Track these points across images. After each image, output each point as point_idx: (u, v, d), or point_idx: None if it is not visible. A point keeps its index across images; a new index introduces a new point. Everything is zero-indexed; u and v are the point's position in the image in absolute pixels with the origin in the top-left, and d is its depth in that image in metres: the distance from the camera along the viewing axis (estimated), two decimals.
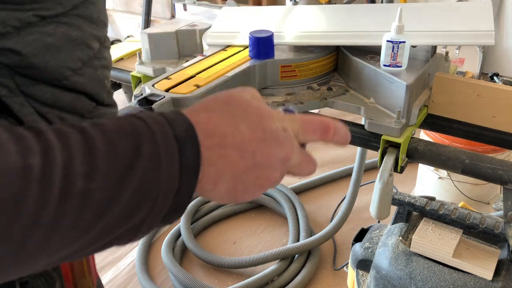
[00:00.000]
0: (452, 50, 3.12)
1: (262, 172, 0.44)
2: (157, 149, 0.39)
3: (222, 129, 0.43)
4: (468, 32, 1.02)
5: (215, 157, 0.42)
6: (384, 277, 1.02)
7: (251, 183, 0.44)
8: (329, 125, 0.48)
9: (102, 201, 0.36)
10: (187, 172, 0.40)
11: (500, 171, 0.87)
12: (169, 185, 0.39)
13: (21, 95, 0.46)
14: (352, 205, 1.92)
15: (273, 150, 0.44)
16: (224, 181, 0.43)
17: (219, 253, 1.98)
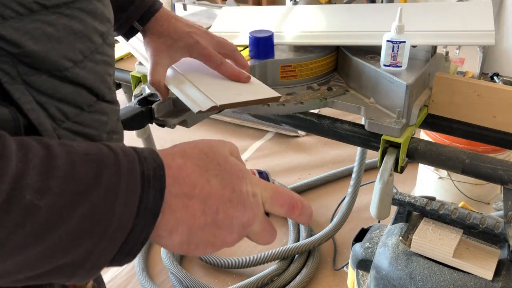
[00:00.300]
0: (452, 50, 3.12)
1: (219, 231, 0.43)
2: (118, 182, 0.37)
3: (193, 179, 0.42)
4: (468, 32, 1.02)
5: (178, 205, 0.41)
6: (384, 277, 1.02)
7: (206, 240, 0.43)
8: (297, 204, 0.48)
9: (47, 221, 0.35)
10: (145, 215, 0.39)
11: (500, 171, 0.87)
12: (121, 223, 0.37)
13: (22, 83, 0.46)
14: (352, 205, 1.92)
15: (237, 213, 0.44)
16: (180, 233, 0.42)
17: (219, 253, 1.98)
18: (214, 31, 1.17)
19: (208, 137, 2.24)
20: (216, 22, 1.22)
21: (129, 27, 0.83)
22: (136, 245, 0.39)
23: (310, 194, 2.32)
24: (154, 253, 1.99)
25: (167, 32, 0.83)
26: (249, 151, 2.68)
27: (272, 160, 2.60)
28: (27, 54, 0.46)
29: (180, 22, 0.85)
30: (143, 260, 1.91)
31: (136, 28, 0.83)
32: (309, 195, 2.31)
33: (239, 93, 0.80)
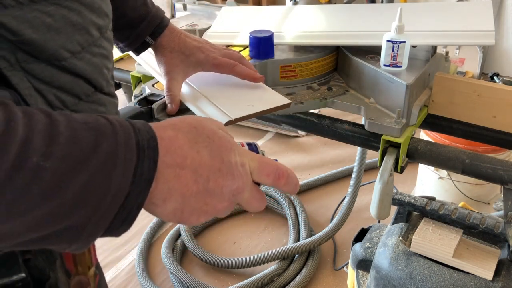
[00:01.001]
0: (452, 50, 3.12)
1: (211, 199, 0.46)
2: (115, 150, 0.39)
3: (184, 150, 0.44)
4: (468, 32, 1.02)
5: (171, 175, 0.43)
6: (384, 277, 1.02)
7: (198, 207, 0.45)
8: (283, 174, 0.50)
9: (52, 183, 0.37)
10: (140, 182, 0.40)
11: (500, 171, 0.87)
12: (119, 188, 0.39)
13: (20, 70, 0.47)
14: (352, 205, 1.92)
15: (226, 182, 0.46)
16: (173, 201, 0.44)
17: (219, 253, 1.98)
18: (214, 31, 1.17)
19: None
20: (216, 22, 1.22)
21: (141, 42, 0.85)
22: (132, 211, 0.41)
23: (310, 194, 2.31)
24: (154, 253, 1.99)
25: (178, 47, 0.86)
26: None
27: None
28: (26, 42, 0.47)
29: (189, 38, 0.88)
30: (143, 260, 1.91)
31: (148, 42, 0.85)
32: (309, 195, 2.31)
33: (251, 104, 0.82)
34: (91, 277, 0.62)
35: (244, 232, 2.10)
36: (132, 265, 1.94)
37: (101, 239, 1.86)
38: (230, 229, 2.12)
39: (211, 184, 0.45)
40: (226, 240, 2.06)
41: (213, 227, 2.13)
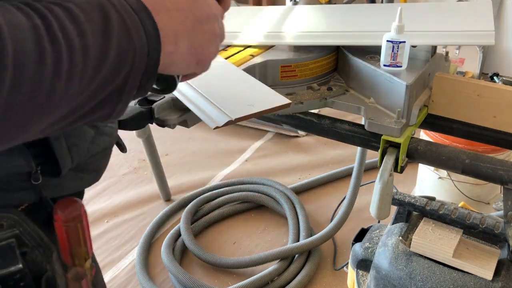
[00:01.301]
0: (452, 50, 3.12)
1: (205, 27, 0.54)
2: (122, 18, 0.45)
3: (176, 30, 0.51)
4: (468, 32, 1.02)
5: (165, 19, 0.49)
6: (384, 277, 1.02)
7: (202, 38, 0.54)
8: None
9: (96, 56, 0.43)
10: (151, 37, 0.47)
11: (500, 171, 0.87)
12: (141, 50, 0.46)
13: None
14: (352, 205, 1.92)
15: (204, 7, 0.54)
16: (181, 40, 0.51)
17: (219, 253, 1.98)
18: None
19: (208, 137, 2.23)
20: None
21: None
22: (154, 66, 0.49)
23: (310, 194, 2.32)
24: (154, 253, 1.99)
25: None
26: (249, 151, 2.69)
27: (272, 160, 2.60)
28: None
29: None
30: (143, 260, 1.91)
31: None
32: (309, 195, 2.31)
33: (251, 104, 0.82)
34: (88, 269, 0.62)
35: (244, 232, 2.10)
36: (132, 265, 1.94)
37: (101, 239, 1.85)
38: (230, 229, 2.12)
39: (197, 13, 0.53)
40: (226, 240, 2.06)
41: (213, 227, 2.13)
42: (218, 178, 2.45)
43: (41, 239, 0.57)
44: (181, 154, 2.64)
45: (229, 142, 2.76)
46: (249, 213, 2.21)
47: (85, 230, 0.61)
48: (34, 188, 0.58)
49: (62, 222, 0.59)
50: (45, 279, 0.57)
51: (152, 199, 2.32)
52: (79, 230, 0.61)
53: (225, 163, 2.58)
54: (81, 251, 0.62)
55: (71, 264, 0.61)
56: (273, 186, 2.23)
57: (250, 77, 0.94)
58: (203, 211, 2.15)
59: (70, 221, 0.59)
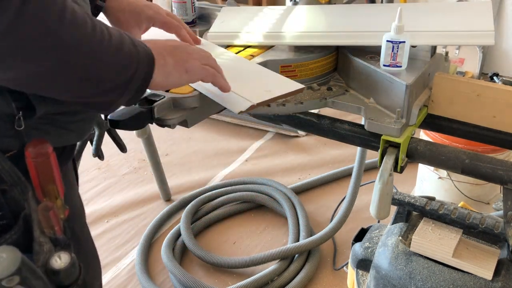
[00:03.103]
0: (452, 50, 3.12)
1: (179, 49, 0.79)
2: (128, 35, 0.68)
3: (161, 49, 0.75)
4: (468, 32, 1.02)
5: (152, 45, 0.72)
6: (384, 277, 1.03)
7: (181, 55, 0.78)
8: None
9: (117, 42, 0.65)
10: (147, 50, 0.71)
11: (500, 171, 0.87)
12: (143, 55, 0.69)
13: None
14: (352, 205, 1.92)
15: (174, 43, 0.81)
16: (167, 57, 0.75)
17: (219, 253, 1.98)
18: (214, 31, 1.17)
19: (208, 137, 2.23)
20: (216, 22, 1.22)
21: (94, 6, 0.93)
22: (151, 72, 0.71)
23: (310, 194, 2.32)
24: (154, 253, 1.99)
25: (128, 7, 0.98)
26: (249, 151, 2.68)
27: (272, 160, 2.60)
28: None
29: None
30: (143, 260, 1.91)
31: (100, 6, 0.94)
32: (309, 195, 2.31)
33: (268, 90, 0.88)
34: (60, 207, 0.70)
35: (244, 232, 2.10)
36: (132, 265, 1.94)
37: (102, 239, 1.85)
38: (230, 229, 2.12)
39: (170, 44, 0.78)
40: (226, 240, 2.06)
41: (213, 227, 2.13)
42: (218, 178, 2.45)
43: (18, 178, 0.65)
44: (181, 154, 2.64)
45: (229, 142, 2.76)
46: (249, 213, 2.21)
47: (53, 168, 0.68)
48: (17, 135, 0.67)
49: (31, 158, 0.66)
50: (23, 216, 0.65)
51: (152, 199, 2.32)
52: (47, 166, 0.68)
53: (225, 163, 2.58)
54: (50, 189, 0.69)
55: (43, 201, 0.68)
56: (273, 186, 2.23)
57: (263, 68, 0.98)
58: (203, 211, 2.15)
59: (38, 156, 0.67)
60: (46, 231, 0.67)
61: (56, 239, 0.67)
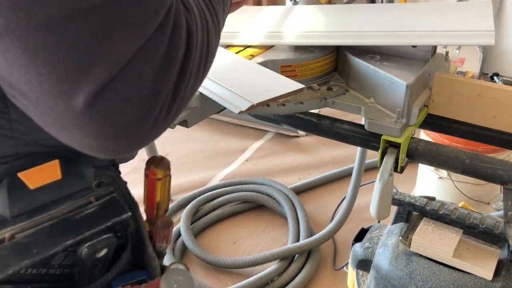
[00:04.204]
0: (452, 50, 3.12)
1: None
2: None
3: None
4: (468, 32, 1.02)
5: None
6: (384, 277, 1.02)
7: None
8: None
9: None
10: None
11: (500, 171, 0.87)
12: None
13: None
14: (352, 205, 1.92)
15: None
16: None
17: (219, 253, 1.98)
18: None
19: (208, 137, 2.23)
20: None
21: None
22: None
23: (310, 194, 2.32)
24: None
25: None
26: (249, 151, 2.68)
27: (272, 160, 2.60)
28: None
29: None
30: None
31: None
32: (309, 195, 2.31)
33: (268, 90, 0.87)
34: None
35: (244, 232, 2.10)
36: None
37: None
38: (230, 229, 2.12)
39: None
40: (226, 240, 2.06)
41: (213, 227, 2.13)
42: (218, 178, 2.45)
43: (128, 195, 0.62)
44: (181, 154, 2.64)
45: (229, 142, 2.76)
46: (249, 213, 2.21)
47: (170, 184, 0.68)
48: None
49: (155, 176, 0.65)
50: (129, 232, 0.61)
51: None
52: (167, 183, 0.68)
53: (225, 163, 2.58)
54: (164, 204, 0.68)
55: (153, 217, 0.68)
56: (273, 186, 2.23)
57: (263, 68, 0.98)
58: (203, 211, 2.15)
59: (162, 175, 0.66)
60: (158, 245, 0.66)
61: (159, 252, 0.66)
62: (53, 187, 0.52)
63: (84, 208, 0.54)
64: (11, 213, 0.49)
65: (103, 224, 0.54)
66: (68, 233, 0.51)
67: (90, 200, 0.55)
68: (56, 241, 0.50)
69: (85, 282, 0.55)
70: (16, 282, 0.50)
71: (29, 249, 0.49)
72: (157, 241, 0.66)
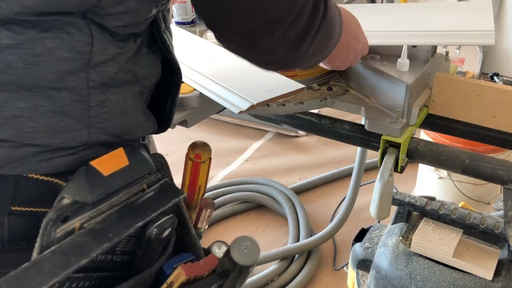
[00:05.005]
0: (452, 50, 3.12)
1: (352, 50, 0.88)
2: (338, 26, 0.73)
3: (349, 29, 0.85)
4: (468, 32, 1.02)
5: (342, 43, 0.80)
6: (384, 277, 1.02)
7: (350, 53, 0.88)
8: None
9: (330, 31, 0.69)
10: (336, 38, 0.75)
11: (500, 171, 0.87)
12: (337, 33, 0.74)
13: None
14: (352, 205, 1.92)
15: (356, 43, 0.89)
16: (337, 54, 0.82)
17: None
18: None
19: (208, 137, 2.22)
20: None
21: None
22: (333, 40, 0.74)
23: (310, 194, 2.31)
24: None
25: None
26: (249, 151, 2.68)
27: (272, 160, 2.60)
28: None
29: None
30: None
31: None
32: (309, 195, 2.30)
33: (268, 90, 0.88)
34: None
35: (244, 232, 2.10)
36: None
37: None
38: (230, 229, 2.12)
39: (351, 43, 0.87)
40: (226, 240, 2.05)
41: (213, 227, 2.13)
42: (218, 178, 2.45)
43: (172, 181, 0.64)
44: (181, 154, 2.62)
45: (229, 142, 2.76)
46: (249, 213, 2.21)
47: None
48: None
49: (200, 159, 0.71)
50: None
51: None
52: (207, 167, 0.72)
53: (225, 163, 2.58)
54: (203, 187, 0.72)
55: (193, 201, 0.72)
56: (273, 186, 2.23)
57: None
58: None
59: (206, 158, 0.71)
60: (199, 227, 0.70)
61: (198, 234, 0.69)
62: (124, 172, 0.54)
63: (142, 194, 0.57)
64: (92, 199, 0.51)
65: (166, 205, 0.57)
66: (135, 216, 0.54)
67: (143, 187, 0.57)
68: (128, 224, 0.53)
69: (146, 265, 0.58)
70: (87, 270, 0.52)
71: (104, 233, 0.51)
72: (198, 222, 0.70)
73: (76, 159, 0.55)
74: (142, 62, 0.59)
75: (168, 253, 0.61)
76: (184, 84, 0.95)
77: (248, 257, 0.56)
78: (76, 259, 0.48)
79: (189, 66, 0.97)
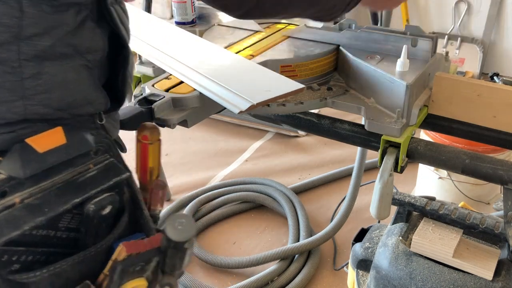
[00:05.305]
0: (452, 50, 3.12)
1: None
2: None
3: None
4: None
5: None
6: (384, 277, 1.02)
7: None
8: None
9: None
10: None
11: (500, 171, 0.87)
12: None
13: None
14: (352, 205, 1.92)
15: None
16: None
17: (219, 253, 1.98)
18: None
19: (208, 137, 2.22)
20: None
21: None
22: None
23: (310, 194, 2.31)
24: None
25: None
26: (249, 151, 2.68)
27: (272, 160, 2.60)
28: None
29: None
30: None
31: None
32: (309, 195, 2.31)
33: (268, 90, 0.87)
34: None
35: (244, 232, 2.10)
36: None
37: None
38: (230, 229, 2.12)
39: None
40: (226, 240, 2.06)
41: (213, 227, 2.13)
42: (218, 178, 2.45)
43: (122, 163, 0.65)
44: (181, 154, 2.64)
45: (229, 142, 2.76)
46: (249, 213, 2.21)
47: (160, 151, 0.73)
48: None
49: (148, 141, 0.71)
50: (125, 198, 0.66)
51: None
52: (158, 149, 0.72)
53: (225, 163, 2.58)
54: (156, 170, 0.72)
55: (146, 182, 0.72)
56: (273, 186, 2.23)
57: (263, 68, 0.97)
58: (203, 211, 2.15)
59: (155, 140, 0.72)
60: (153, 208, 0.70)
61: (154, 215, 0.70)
62: (60, 150, 0.56)
63: (85, 173, 0.59)
64: (25, 174, 0.53)
65: (106, 184, 0.58)
66: (75, 193, 0.56)
67: (89, 167, 0.59)
68: (65, 200, 0.55)
69: (91, 242, 0.59)
70: (28, 244, 0.53)
71: (41, 208, 0.53)
72: (152, 204, 0.70)
73: (15, 137, 0.56)
74: (85, 36, 0.59)
75: (118, 232, 0.62)
76: (184, 84, 0.95)
77: (182, 234, 0.57)
78: (9, 231, 0.50)
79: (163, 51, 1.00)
